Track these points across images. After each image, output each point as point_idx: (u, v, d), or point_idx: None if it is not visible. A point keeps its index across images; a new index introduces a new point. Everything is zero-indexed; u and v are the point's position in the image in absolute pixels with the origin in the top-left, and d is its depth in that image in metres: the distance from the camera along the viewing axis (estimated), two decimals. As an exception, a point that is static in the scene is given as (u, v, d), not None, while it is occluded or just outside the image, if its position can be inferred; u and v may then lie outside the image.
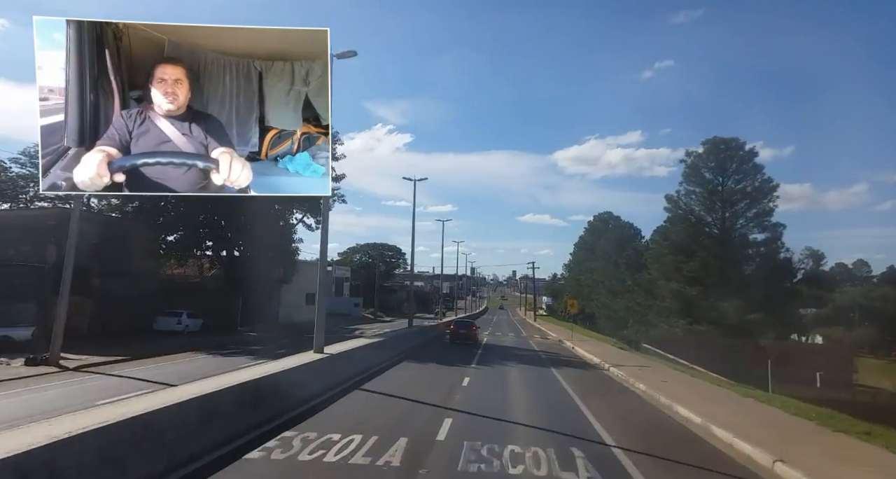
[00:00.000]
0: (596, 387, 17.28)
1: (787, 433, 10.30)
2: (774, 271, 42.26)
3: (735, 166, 44.39)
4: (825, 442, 9.63)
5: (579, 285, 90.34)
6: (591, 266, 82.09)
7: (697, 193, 45.62)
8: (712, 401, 14.06)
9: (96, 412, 6.58)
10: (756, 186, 43.59)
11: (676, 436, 10.46)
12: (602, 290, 72.04)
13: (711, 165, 45.16)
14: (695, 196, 45.82)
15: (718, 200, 44.69)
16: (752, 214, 44.17)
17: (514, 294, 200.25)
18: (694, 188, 45.76)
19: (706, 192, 45.12)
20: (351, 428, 9.22)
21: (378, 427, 9.40)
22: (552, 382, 17.84)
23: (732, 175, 44.62)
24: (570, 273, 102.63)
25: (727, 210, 44.83)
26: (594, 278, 78.19)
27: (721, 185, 44.86)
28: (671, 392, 15.06)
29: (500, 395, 14.67)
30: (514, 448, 8.43)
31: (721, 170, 44.68)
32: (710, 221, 45.75)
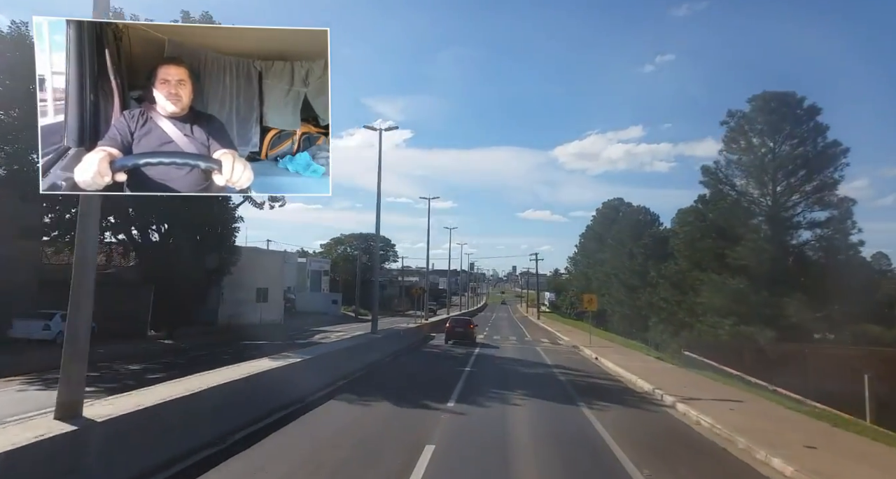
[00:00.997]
0: (686, 465, 8.64)
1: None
2: (846, 260, 33.63)
3: (790, 128, 35.67)
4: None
5: (587, 279, 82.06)
6: (601, 258, 73.56)
7: (743, 163, 36.91)
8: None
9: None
10: (818, 151, 34.89)
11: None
12: (615, 284, 63.47)
13: (760, 126, 36.45)
14: (739, 166, 37.13)
15: (769, 171, 35.96)
16: (810, 187, 35.43)
17: (515, 290, 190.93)
18: (738, 156, 37.06)
19: (754, 160, 36.39)
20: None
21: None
22: (595, 448, 9.20)
23: (786, 139, 35.91)
24: (577, 267, 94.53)
25: (779, 183, 36.14)
26: (605, 270, 69.66)
27: (772, 151, 36.16)
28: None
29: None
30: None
31: (773, 132, 35.95)
32: (757, 196, 37.07)
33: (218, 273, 30.24)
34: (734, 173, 37.65)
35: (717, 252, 36.79)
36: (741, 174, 37.12)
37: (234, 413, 9.04)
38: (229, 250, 30.60)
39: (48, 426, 6.07)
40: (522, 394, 14.09)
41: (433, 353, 25.23)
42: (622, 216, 74.25)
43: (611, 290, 64.14)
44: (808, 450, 9.05)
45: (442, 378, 16.25)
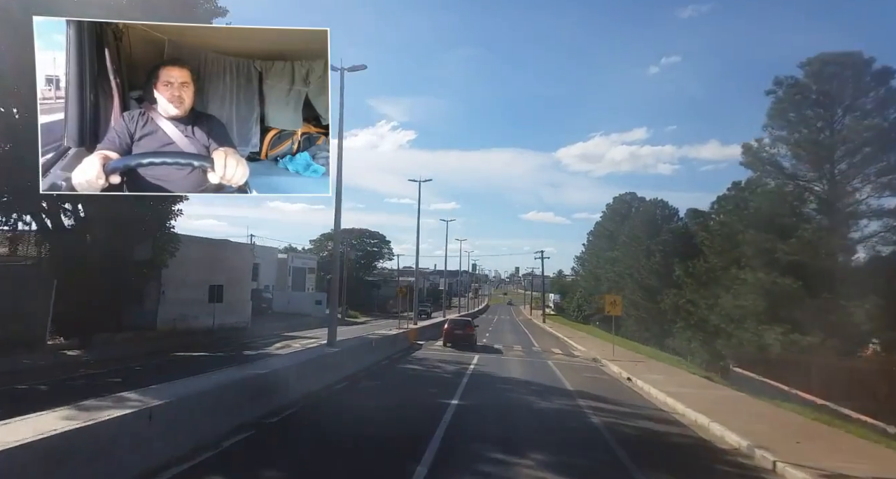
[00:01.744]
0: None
1: None
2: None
3: (853, 97, 29.58)
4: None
5: (596, 280, 76.01)
6: (613, 257, 67.30)
7: (795, 140, 30.80)
8: None
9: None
10: (890, 123, 28.80)
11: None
12: (629, 285, 57.29)
13: (814, 96, 30.36)
14: (790, 143, 31.03)
15: (827, 148, 29.87)
16: (876, 168, 29.35)
17: (518, 291, 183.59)
18: (790, 132, 30.96)
19: (808, 135, 30.30)
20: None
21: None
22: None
23: (848, 111, 29.83)
24: (585, 267, 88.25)
25: (838, 163, 30.06)
26: (617, 270, 63.47)
27: (831, 125, 30.09)
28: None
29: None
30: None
31: (832, 102, 29.87)
32: (811, 179, 31.00)
33: (150, 267, 24.26)
34: (782, 153, 31.58)
35: (762, 247, 30.72)
36: (791, 152, 30.99)
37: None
38: (167, 238, 24.63)
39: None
40: (542, 467, 8.06)
41: (413, 372, 19.20)
42: (636, 212, 68.28)
43: (624, 291, 57.93)
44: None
45: (411, 426, 10.20)
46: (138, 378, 12.52)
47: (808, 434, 10.84)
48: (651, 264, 52.67)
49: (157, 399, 7.44)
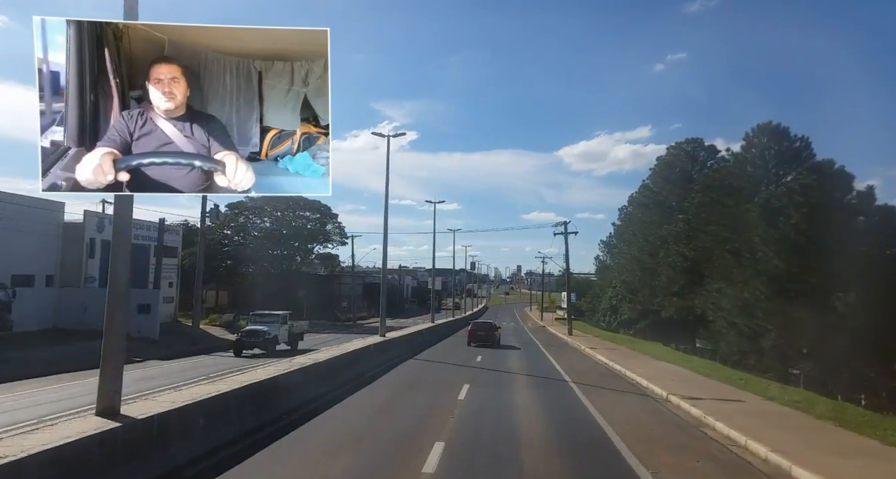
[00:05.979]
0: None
1: None
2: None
3: None
4: None
5: (641, 269, 48.04)
6: (676, 231, 41.68)
7: None
8: None
9: None
10: None
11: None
12: (726, 270, 33.44)
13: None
14: None
15: None
16: None
17: (524, 291, 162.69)
18: None
19: None
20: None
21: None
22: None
23: None
24: (619, 255, 58.94)
25: None
26: (692, 249, 39.12)
27: None
28: None
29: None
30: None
31: None
32: None
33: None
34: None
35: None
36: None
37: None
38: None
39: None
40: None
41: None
42: (718, 163, 44.11)
43: (707, 279, 35.36)
44: None
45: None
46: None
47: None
48: (777, 233, 28.90)
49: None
